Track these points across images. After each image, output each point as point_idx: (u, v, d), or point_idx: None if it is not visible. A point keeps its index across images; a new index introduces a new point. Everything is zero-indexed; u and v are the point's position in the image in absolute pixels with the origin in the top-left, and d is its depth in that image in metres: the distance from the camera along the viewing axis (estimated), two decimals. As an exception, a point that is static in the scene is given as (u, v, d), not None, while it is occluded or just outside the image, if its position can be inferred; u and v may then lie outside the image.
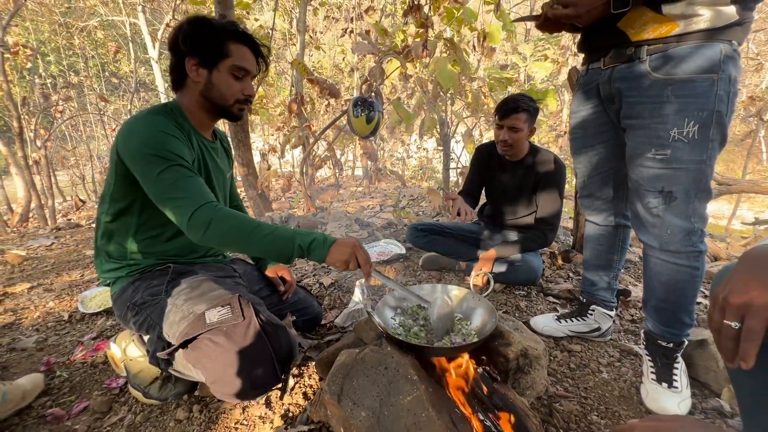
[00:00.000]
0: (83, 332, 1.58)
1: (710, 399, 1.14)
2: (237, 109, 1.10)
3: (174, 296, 1.04)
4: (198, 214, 0.90)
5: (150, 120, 0.99)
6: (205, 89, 1.06)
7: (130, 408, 1.11)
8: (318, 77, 3.63)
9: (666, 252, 1.06)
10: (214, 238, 0.90)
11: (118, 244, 1.10)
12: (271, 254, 0.93)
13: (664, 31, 0.94)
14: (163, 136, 0.96)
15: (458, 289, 1.22)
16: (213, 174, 1.16)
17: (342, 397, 0.91)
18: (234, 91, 1.07)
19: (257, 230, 0.91)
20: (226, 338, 0.91)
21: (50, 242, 3.11)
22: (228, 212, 0.92)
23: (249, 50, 1.07)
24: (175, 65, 1.05)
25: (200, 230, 0.89)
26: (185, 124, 1.08)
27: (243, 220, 0.91)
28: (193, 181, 0.95)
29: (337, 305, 1.75)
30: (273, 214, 3.50)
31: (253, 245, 0.92)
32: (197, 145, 1.10)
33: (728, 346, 0.51)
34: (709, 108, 0.93)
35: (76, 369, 1.31)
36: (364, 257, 0.96)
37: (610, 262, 1.37)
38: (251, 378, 0.91)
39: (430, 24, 3.09)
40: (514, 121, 1.71)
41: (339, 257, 0.93)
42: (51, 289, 2.06)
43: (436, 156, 7.98)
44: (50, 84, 8.16)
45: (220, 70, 1.04)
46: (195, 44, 1.01)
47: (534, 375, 1.09)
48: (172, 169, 0.93)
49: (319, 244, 0.93)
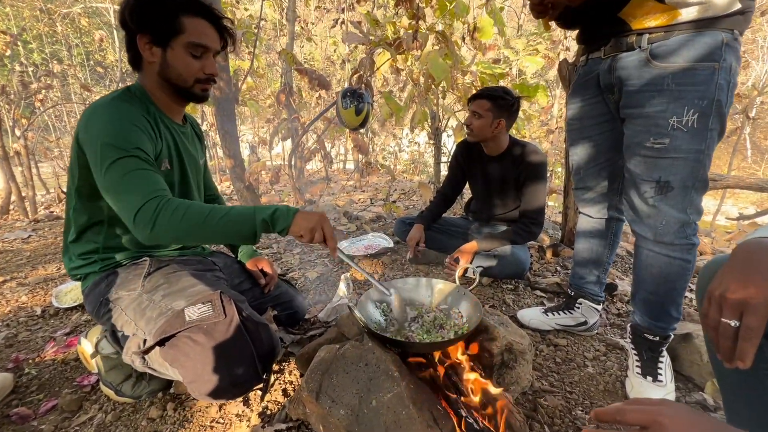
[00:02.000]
0: (56, 328, 1.52)
1: (694, 392, 1.14)
2: (200, 89, 1.02)
3: (151, 291, 0.99)
4: (143, 210, 0.83)
5: (112, 106, 0.91)
6: (161, 70, 0.97)
7: (101, 407, 1.06)
8: (307, 68, 3.55)
9: (659, 244, 1.04)
10: (163, 234, 0.83)
11: (90, 238, 1.03)
12: (232, 236, 0.87)
13: (665, 20, 0.92)
14: (122, 125, 0.89)
15: (443, 283, 1.20)
16: (186, 160, 1.10)
17: (320, 394, 0.87)
18: (192, 69, 0.98)
19: (211, 215, 0.84)
20: (206, 336, 0.87)
21: (27, 235, 3.00)
22: (178, 203, 0.85)
23: (208, 24, 0.98)
24: (129, 43, 0.96)
25: (147, 227, 0.82)
26: (151, 108, 1.01)
27: (194, 208, 0.85)
28: (145, 174, 0.87)
29: (322, 299, 1.71)
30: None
31: (210, 232, 0.85)
32: (166, 130, 1.03)
33: (726, 345, 0.48)
34: (709, 97, 0.91)
35: (46, 366, 1.26)
36: (330, 231, 0.92)
37: (600, 255, 1.35)
38: (231, 377, 0.88)
39: (421, 15, 3.03)
40: (476, 106, 1.73)
41: (305, 225, 0.88)
42: (25, 283, 1.98)
43: (427, 150, 7.95)
44: (32, 72, 7.89)
45: (174, 48, 0.95)
46: (143, 20, 0.92)
47: (519, 370, 1.07)
48: (125, 160, 0.86)
49: (282, 213, 0.88)
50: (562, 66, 2.10)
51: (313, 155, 4.13)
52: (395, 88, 5.37)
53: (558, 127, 5.93)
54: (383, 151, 8.79)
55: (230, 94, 3.39)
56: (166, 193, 0.88)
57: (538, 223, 1.79)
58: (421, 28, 2.98)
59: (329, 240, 0.92)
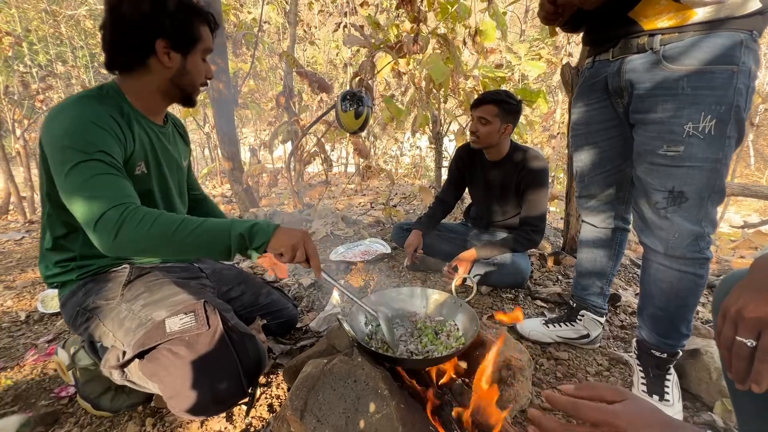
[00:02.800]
0: (39, 334, 1.47)
1: (702, 412, 1.08)
2: (197, 94, 1.03)
3: (131, 301, 0.94)
4: (105, 218, 0.76)
5: (77, 106, 0.86)
6: (177, 75, 0.95)
7: (77, 420, 1.01)
8: (307, 70, 3.53)
9: (671, 257, 0.98)
10: (126, 245, 0.77)
11: (66, 245, 0.98)
12: (203, 251, 0.80)
13: (679, 20, 0.87)
14: (86, 126, 0.83)
15: (439, 293, 1.15)
16: (165, 162, 1.05)
17: (305, 413, 0.82)
18: (203, 75, 1.00)
19: (182, 227, 0.78)
20: (188, 349, 0.82)
21: (20, 236, 2.97)
22: (145, 212, 0.78)
23: (209, 29, 0.99)
24: (134, 44, 0.91)
25: (109, 237, 0.76)
26: (125, 107, 0.95)
27: (164, 218, 0.78)
28: (108, 179, 0.81)
29: (315, 308, 1.66)
30: (258, 210, 3.40)
31: (179, 245, 0.78)
32: (142, 131, 0.98)
33: (740, 366, 0.44)
34: (727, 102, 0.86)
35: (24, 375, 1.21)
36: (313, 249, 0.86)
37: (604, 266, 1.30)
38: (214, 392, 0.82)
39: (423, 18, 3.00)
40: (482, 112, 1.67)
41: (287, 241, 0.82)
42: (12, 286, 1.94)
43: (429, 154, 7.91)
44: (36, 73, 7.91)
45: (193, 54, 0.95)
46: (165, 26, 0.89)
47: (517, 387, 1.01)
48: (88, 164, 0.80)
49: (262, 228, 0.82)
50: (564, 70, 2.06)
51: (312, 158, 4.09)
52: (397, 91, 5.34)
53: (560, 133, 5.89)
54: (385, 154, 8.76)
55: (229, 96, 3.36)
56: (132, 200, 0.81)
57: (539, 230, 1.74)
58: (422, 32, 2.95)
59: (312, 258, 0.86)
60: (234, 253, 0.81)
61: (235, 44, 3.67)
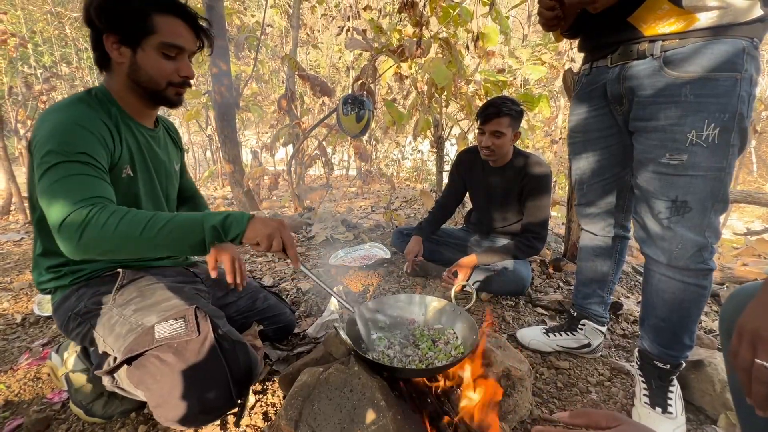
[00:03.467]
0: (34, 337, 1.46)
1: (706, 425, 1.06)
2: (173, 93, 0.95)
3: (122, 306, 0.92)
4: (71, 218, 0.72)
5: (64, 110, 0.84)
6: (131, 71, 0.90)
7: (69, 427, 1.00)
8: (309, 74, 3.53)
9: (673, 268, 0.96)
10: (93, 246, 0.73)
11: (58, 251, 0.95)
12: (177, 247, 0.76)
13: (681, 26, 0.85)
14: (71, 129, 0.81)
15: (438, 300, 1.13)
16: (154, 166, 1.04)
17: (300, 423, 0.81)
18: (165, 72, 0.91)
19: (152, 223, 0.74)
20: (176, 356, 0.80)
21: (20, 237, 2.96)
22: (113, 210, 0.75)
23: (182, 23, 0.91)
24: (94, 42, 0.89)
25: (73, 239, 0.72)
26: (113, 110, 0.93)
27: (132, 216, 0.74)
28: (82, 179, 0.78)
29: (314, 313, 1.64)
30: (258, 213, 3.39)
31: (150, 242, 0.73)
32: (129, 134, 0.96)
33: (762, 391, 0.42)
34: (731, 110, 0.84)
35: (18, 380, 1.19)
36: (290, 239, 0.83)
37: (604, 275, 1.28)
38: (201, 402, 0.80)
39: (425, 23, 3.01)
40: (496, 125, 1.63)
41: (262, 231, 0.79)
42: (9, 288, 1.92)
43: (430, 158, 7.90)
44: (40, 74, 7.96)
45: (145, 49, 0.88)
46: (111, 18, 0.85)
47: (517, 398, 0.99)
48: (65, 165, 0.77)
49: (236, 218, 0.79)
50: (566, 76, 2.05)
51: (314, 161, 4.09)
52: (399, 95, 5.34)
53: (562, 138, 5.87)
54: (386, 158, 8.76)
55: (231, 98, 3.36)
56: (103, 201, 0.77)
57: (541, 237, 1.72)
58: (424, 36, 2.95)
59: (289, 248, 0.83)
60: (209, 247, 0.77)
61: (238, 47, 3.68)
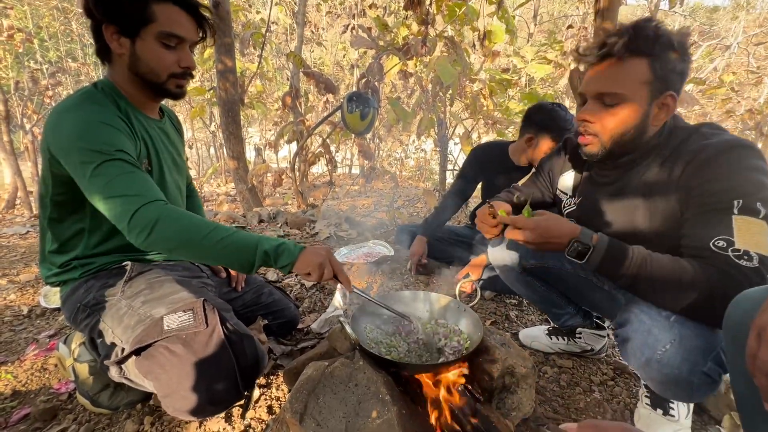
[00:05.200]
0: (41, 329, 1.47)
1: (710, 426, 1.06)
2: (174, 85, 0.94)
3: (131, 297, 0.93)
4: (141, 213, 0.78)
5: (81, 108, 0.85)
6: (131, 63, 0.89)
7: (75, 417, 1.01)
8: (314, 71, 3.53)
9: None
10: (160, 242, 0.79)
11: (70, 247, 0.97)
12: (229, 261, 0.82)
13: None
14: (97, 126, 0.82)
15: (442, 297, 1.13)
16: (163, 157, 1.04)
17: (305, 416, 0.81)
18: (166, 63, 0.90)
19: (213, 234, 0.79)
20: (185, 347, 0.81)
21: (25, 231, 2.98)
22: (178, 212, 0.81)
23: (183, 12, 0.90)
24: (95, 34, 0.89)
25: (144, 233, 0.78)
26: (122, 104, 0.93)
27: (196, 222, 0.80)
28: (135, 176, 0.82)
29: (317, 308, 1.65)
30: (262, 210, 3.40)
31: (208, 251, 0.80)
32: (141, 127, 0.97)
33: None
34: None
35: (25, 370, 1.21)
36: (339, 266, 0.87)
37: (548, 295, 1.24)
38: (209, 393, 0.81)
39: (431, 21, 3.00)
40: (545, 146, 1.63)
41: (314, 260, 0.83)
42: (15, 280, 1.94)
43: (434, 157, 7.90)
44: (45, 69, 7.99)
45: (144, 38, 0.87)
46: (109, 7, 0.84)
47: (521, 395, 0.99)
48: (110, 164, 0.80)
49: (288, 248, 0.83)
50: (573, 75, 2.04)
51: (317, 159, 4.09)
52: (403, 94, 5.34)
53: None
54: (389, 157, 8.76)
55: (236, 95, 3.37)
56: (161, 197, 0.83)
57: None
58: (430, 34, 2.94)
59: (340, 274, 0.87)
60: (256, 269, 0.83)
61: (243, 44, 3.68)
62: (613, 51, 0.83)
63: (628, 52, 0.82)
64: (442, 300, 1.13)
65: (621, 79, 0.84)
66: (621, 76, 0.84)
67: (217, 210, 3.85)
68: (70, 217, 0.95)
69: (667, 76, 0.83)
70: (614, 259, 0.82)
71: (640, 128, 0.87)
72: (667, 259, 0.80)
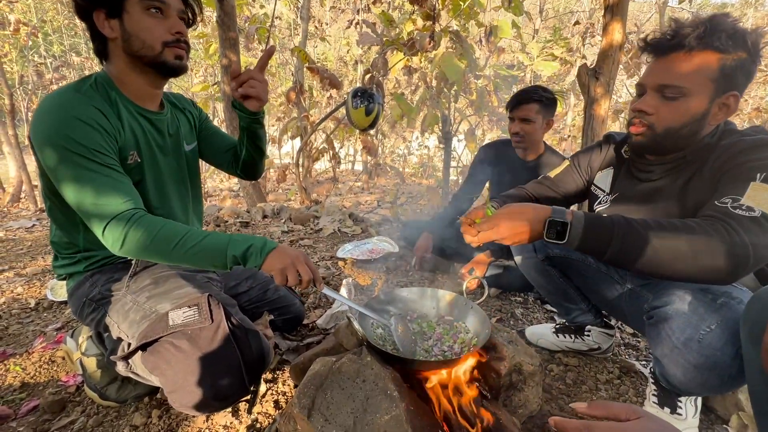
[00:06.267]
0: (48, 322, 1.48)
1: (717, 425, 1.05)
2: (171, 55, 0.91)
3: (136, 292, 0.94)
4: (112, 226, 0.80)
5: (63, 101, 0.83)
6: (125, 44, 0.88)
7: (84, 409, 1.01)
8: (318, 66, 3.52)
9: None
10: (133, 253, 0.82)
11: (70, 238, 0.98)
12: (201, 265, 0.84)
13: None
14: (72, 123, 0.81)
15: (449, 294, 1.13)
16: (158, 149, 1.01)
17: (313, 411, 0.81)
18: (156, 32, 0.87)
19: (183, 242, 0.81)
20: (190, 343, 0.82)
21: (31, 224, 3.00)
22: (148, 222, 0.82)
23: None
24: (91, 31, 0.89)
25: (116, 244, 0.81)
26: (113, 94, 0.91)
27: (166, 231, 0.81)
28: (108, 182, 0.82)
29: (322, 304, 1.65)
30: (265, 205, 3.40)
31: (180, 258, 0.82)
32: (132, 119, 0.95)
33: None
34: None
35: (33, 363, 1.21)
36: (307, 270, 0.86)
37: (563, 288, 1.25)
38: (215, 389, 0.82)
39: (437, 15, 2.98)
40: (526, 111, 1.61)
41: (277, 265, 0.83)
42: (23, 273, 1.95)
43: (437, 154, 7.87)
44: (50, 63, 8.01)
45: (129, 12, 0.86)
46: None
47: (528, 392, 0.99)
48: (84, 168, 0.81)
49: (255, 251, 0.83)
50: (581, 72, 2.02)
51: (321, 155, 4.09)
52: (407, 90, 5.32)
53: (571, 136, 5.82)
54: (392, 153, 8.74)
55: (240, 90, 3.36)
56: (134, 204, 0.84)
57: None
58: (435, 29, 2.92)
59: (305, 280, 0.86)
60: (231, 269, 0.85)
61: (248, 38, 3.67)
62: (684, 42, 0.79)
63: (701, 45, 0.78)
64: (449, 297, 1.12)
65: (687, 73, 0.79)
66: (688, 70, 0.79)
67: (221, 205, 3.86)
68: (65, 210, 0.94)
69: (735, 75, 0.79)
70: (596, 228, 0.77)
71: (697, 126, 0.84)
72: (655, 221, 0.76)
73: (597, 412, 0.45)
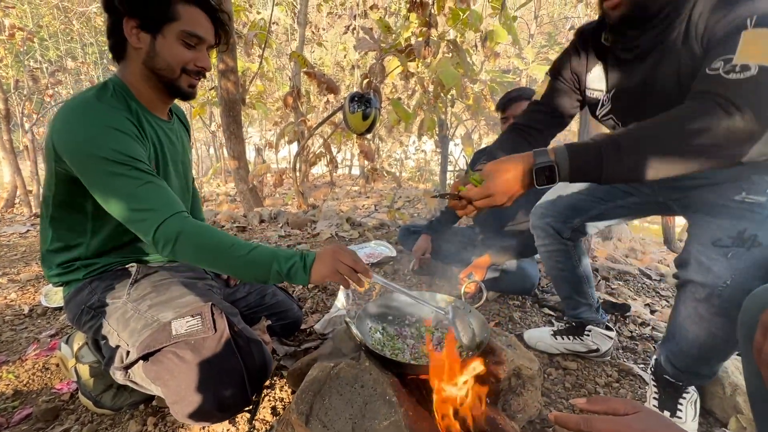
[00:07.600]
0: (42, 328, 1.46)
1: (716, 428, 1.05)
2: (187, 84, 0.94)
3: (137, 301, 0.93)
4: (164, 228, 0.80)
5: (92, 111, 0.83)
6: (148, 58, 0.89)
7: (78, 417, 1.00)
8: (316, 71, 3.53)
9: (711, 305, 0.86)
10: (183, 255, 0.82)
11: (72, 248, 0.96)
12: (244, 275, 0.85)
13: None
14: (109, 133, 0.82)
15: (447, 297, 1.13)
16: (171, 160, 1.03)
17: (311, 417, 0.80)
18: (182, 59, 0.90)
19: (232, 250, 0.81)
20: (193, 353, 0.81)
21: (25, 230, 2.97)
22: (198, 226, 0.82)
23: (204, 15, 0.91)
24: (112, 28, 0.88)
25: (167, 248, 0.80)
26: (133, 104, 0.92)
27: (217, 237, 0.82)
28: (153, 188, 0.83)
29: (320, 309, 1.64)
30: (262, 210, 3.39)
31: (227, 265, 0.83)
32: (151, 129, 0.95)
33: None
34: None
35: (26, 370, 1.20)
36: (351, 259, 0.84)
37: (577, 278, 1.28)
38: (218, 400, 0.81)
39: (433, 23, 3.00)
40: (517, 110, 1.63)
41: (326, 272, 0.82)
42: (16, 279, 1.93)
43: (434, 158, 7.90)
44: (46, 69, 7.98)
45: (166, 35, 0.87)
46: (134, 2, 0.85)
47: (527, 397, 0.99)
48: (127, 176, 0.81)
49: (298, 268, 0.82)
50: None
51: (318, 159, 4.09)
52: (404, 95, 5.35)
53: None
54: (389, 157, 8.77)
55: (237, 95, 3.36)
56: (181, 207, 0.84)
57: None
58: (432, 36, 2.94)
59: (355, 270, 0.84)
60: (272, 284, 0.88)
61: (247, 44, 3.68)
62: None
63: None
64: (448, 300, 1.12)
65: None
66: None
67: (218, 210, 3.84)
68: (73, 217, 0.94)
69: None
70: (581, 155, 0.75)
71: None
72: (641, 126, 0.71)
73: (596, 407, 0.45)
